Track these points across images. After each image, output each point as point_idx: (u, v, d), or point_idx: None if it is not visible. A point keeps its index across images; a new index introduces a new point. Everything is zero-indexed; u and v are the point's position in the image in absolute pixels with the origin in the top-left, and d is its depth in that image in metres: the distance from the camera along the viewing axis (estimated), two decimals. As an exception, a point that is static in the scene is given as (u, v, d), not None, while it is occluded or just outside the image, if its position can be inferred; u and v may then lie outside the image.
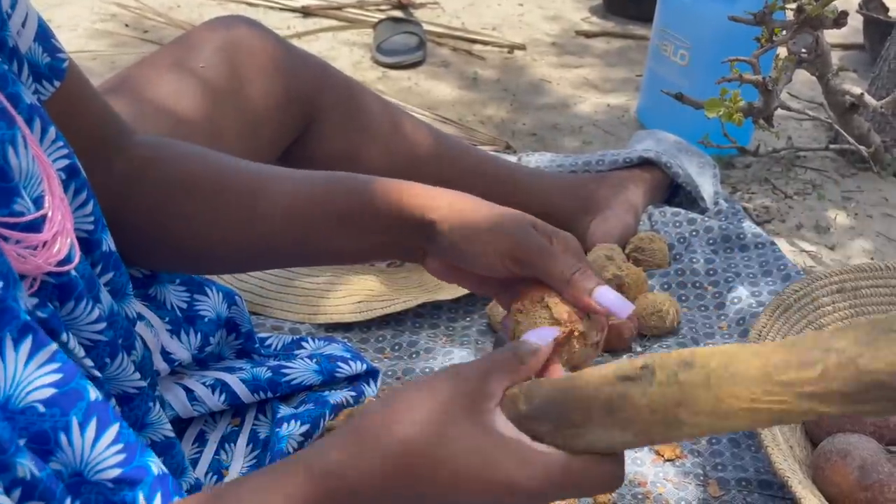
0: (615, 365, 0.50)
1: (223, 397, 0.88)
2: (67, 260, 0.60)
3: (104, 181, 0.76)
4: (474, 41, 2.28)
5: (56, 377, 0.54)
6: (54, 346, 0.55)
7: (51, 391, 0.54)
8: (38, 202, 0.59)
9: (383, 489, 0.52)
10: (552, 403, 0.51)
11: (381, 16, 2.30)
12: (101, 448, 0.55)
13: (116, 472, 0.56)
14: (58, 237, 0.59)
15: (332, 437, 0.53)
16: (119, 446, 0.56)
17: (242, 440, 0.92)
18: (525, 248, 0.66)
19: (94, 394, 0.56)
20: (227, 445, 0.91)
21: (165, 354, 0.82)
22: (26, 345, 0.53)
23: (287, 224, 0.75)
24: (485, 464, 0.51)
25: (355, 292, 1.22)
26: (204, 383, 0.88)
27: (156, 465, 0.58)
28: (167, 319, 0.83)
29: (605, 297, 0.64)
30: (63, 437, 0.54)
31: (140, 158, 0.79)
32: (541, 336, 0.59)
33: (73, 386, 0.55)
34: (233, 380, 0.89)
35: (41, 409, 0.53)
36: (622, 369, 0.49)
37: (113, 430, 0.56)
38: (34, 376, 0.53)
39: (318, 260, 0.86)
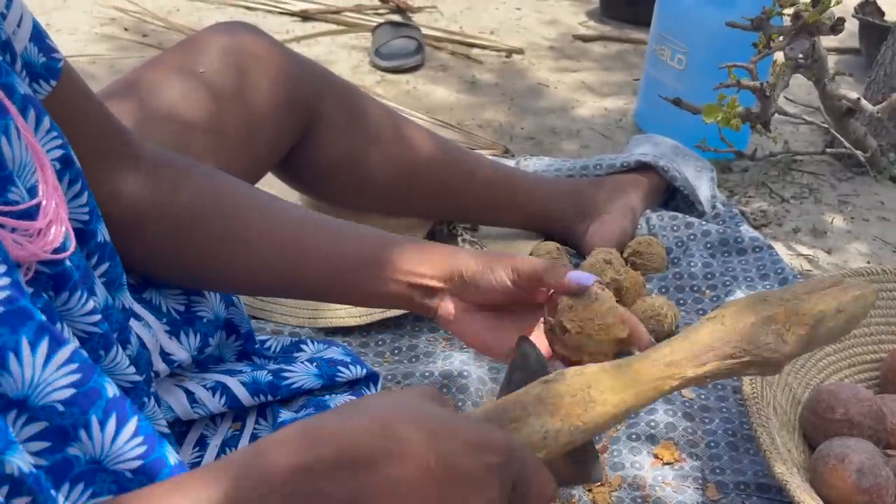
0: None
1: (223, 400, 0.88)
2: (63, 248, 0.60)
3: (117, 189, 0.77)
4: (472, 45, 2.29)
5: (75, 377, 0.55)
6: (72, 345, 0.55)
7: (70, 391, 0.54)
8: (31, 191, 0.59)
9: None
10: (494, 407, 0.60)
11: (380, 20, 2.31)
12: (122, 442, 0.56)
13: (137, 464, 0.57)
14: (52, 225, 0.59)
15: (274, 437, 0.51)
16: (139, 439, 0.57)
17: (243, 445, 0.92)
18: (540, 264, 0.76)
19: (111, 390, 0.57)
20: (227, 450, 0.91)
21: (165, 355, 0.82)
22: (43, 346, 0.53)
23: (325, 285, 0.84)
24: (432, 416, 0.51)
25: (355, 296, 1.23)
26: (204, 386, 0.88)
27: (172, 456, 0.59)
28: (165, 321, 0.84)
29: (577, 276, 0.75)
30: (83, 433, 0.55)
31: (169, 176, 0.81)
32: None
33: (91, 385, 0.55)
34: (233, 382, 0.90)
35: (60, 408, 0.54)
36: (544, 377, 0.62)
37: (132, 423, 0.57)
38: (53, 377, 0.54)
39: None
